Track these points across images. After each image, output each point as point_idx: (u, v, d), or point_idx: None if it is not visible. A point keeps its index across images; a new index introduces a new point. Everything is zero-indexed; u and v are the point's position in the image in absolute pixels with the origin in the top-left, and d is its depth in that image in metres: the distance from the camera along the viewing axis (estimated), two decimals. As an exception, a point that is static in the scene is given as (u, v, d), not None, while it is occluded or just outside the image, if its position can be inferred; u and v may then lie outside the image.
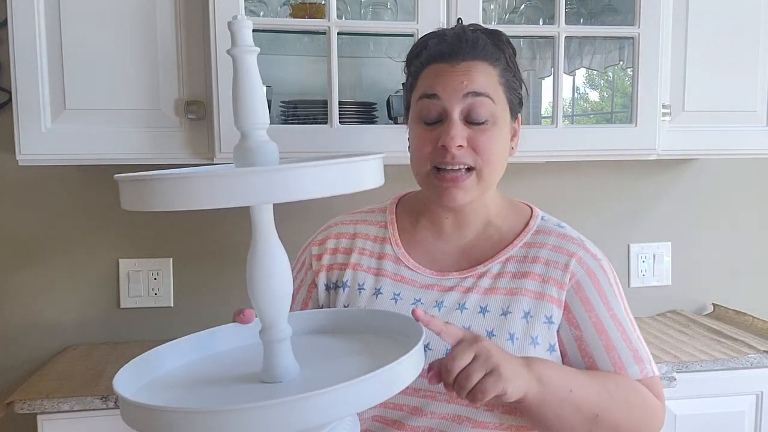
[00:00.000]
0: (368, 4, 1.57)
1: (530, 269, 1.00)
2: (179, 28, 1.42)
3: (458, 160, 0.95)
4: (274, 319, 0.73)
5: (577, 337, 0.97)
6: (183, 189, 0.59)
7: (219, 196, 0.58)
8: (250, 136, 0.68)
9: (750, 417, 1.56)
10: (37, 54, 1.37)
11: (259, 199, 0.60)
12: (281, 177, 0.59)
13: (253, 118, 0.67)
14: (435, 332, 0.82)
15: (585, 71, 1.78)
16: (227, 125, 1.38)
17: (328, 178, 0.62)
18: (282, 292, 0.73)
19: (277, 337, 0.73)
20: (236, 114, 0.67)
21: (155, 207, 0.60)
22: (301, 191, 0.60)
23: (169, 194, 0.59)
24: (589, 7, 1.68)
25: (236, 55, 0.67)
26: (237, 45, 0.67)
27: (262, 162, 0.67)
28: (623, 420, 0.93)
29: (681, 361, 1.51)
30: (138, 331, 1.74)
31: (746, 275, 2.01)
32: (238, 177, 0.58)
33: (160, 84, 1.42)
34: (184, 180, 0.59)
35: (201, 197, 0.58)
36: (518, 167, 1.76)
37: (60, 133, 1.39)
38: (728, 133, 1.64)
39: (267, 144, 0.68)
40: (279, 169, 0.60)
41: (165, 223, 1.74)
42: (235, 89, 0.68)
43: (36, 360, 1.69)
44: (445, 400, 0.93)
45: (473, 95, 0.95)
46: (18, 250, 1.69)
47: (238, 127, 0.68)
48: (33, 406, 1.30)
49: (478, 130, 0.96)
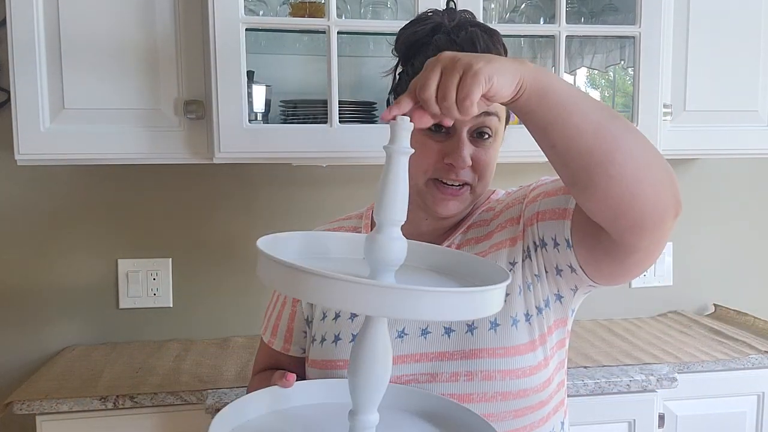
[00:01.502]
0: (368, 3, 1.56)
1: (491, 226, 0.99)
2: (179, 28, 1.41)
3: (461, 177, 0.95)
4: (367, 406, 0.76)
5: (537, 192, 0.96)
6: (325, 287, 0.63)
7: (351, 302, 0.63)
8: (384, 230, 0.72)
9: (751, 417, 1.56)
10: (36, 53, 1.36)
11: (383, 313, 0.66)
12: (414, 298, 0.63)
13: (392, 215, 0.71)
14: (397, 113, 0.73)
15: (586, 71, 1.78)
16: (226, 125, 1.38)
17: (455, 305, 0.65)
18: (380, 380, 0.75)
19: (366, 425, 0.76)
20: (377, 206, 0.72)
21: (291, 293, 0.68)
22: (431, 314, 0.64)
23: (307, 287, 0.64)
24: (590, 6, 1.67)
25: (391, 153, 0.72)
26: (394, 144, 0.72)
27: (389, 259, 0.72)
28: (636, 143, 0.77)
29: (682, 361, 1.51)
30: (137, 332, 1.74)
31: (747, 275, 2.01)
32: (371, 290, 0.63)
33: (159, 83, 1.42)
34: (329, 281, 0.63)
35: (340, 299, 0.63)
36: (518, 167, 1.75)
37: (59, 133, 1.39)
38: (729, 132, 1.64)
39: (397, 241, 0.72)
40: (417, 291, 0.63)
41: (164, 224, 1.73)
42: (382, 184, 0.72)
43: (35, 360, 1.69)
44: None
45: (485, 114, 0.94)
46: (17, 250, 1.68)
47: (376, 218, 0.72)
48: (32, 407, 1.30)
49: (481, 147, 0.95)
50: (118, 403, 1.32)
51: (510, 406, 0.91)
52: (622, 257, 0.84)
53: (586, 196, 0.78)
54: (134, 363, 1.54)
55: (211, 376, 1.45)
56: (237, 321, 1.77)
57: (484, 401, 0.91)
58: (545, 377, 0.93)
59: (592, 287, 0.93)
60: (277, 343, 1.09)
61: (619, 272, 0.88)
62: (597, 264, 0.88)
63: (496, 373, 0.90)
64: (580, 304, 1.00)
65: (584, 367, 1.46)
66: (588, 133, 0.73)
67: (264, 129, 1.46)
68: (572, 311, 0.98)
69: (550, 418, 0.97)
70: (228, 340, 1.73)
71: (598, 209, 0.78)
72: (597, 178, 0.74)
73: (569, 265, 0.90)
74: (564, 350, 0.99)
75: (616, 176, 0.73)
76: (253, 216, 1.76)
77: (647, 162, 0.75)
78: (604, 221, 0.79)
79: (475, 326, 0.93)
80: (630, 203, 0.75)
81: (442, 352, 0.93)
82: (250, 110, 1.49)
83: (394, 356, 0.94)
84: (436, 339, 0.94)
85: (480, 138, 0.95)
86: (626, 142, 0.74)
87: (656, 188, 0.75)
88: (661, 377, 1.41)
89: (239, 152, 1.40)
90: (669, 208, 0.77)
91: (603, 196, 0.75)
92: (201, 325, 1.76)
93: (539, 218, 0.93)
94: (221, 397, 1.33)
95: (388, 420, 0.84)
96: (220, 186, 1.75)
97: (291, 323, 1.08)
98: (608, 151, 0.73)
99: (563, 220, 0.89)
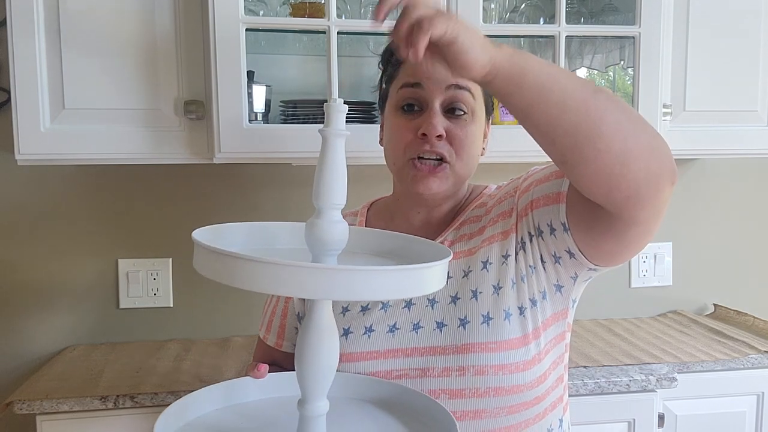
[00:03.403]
0: (368, 4, 1.56)
1: (483, 222, 1.00)
2: (179, 28, 1.41)
3: (436, 149, 0.95)
4: (315, 394, 0.75)
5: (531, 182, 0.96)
6: (259, 271, 0.62)
7: (288, 285, 0.61)
8: (324, 214, 0.71)
9: (751, 417, 1.56)
10: (36, 53, 1.36)
11: (317, 294, 0.63)
12: (348, 278, 0.61)
13: (331, 198, 0.70)
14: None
15: (586, 71, 1.78)
16: (226, 125, 1.38)
17: (395, 283, 0.64)
18: (327, 368, 0.74)
19: (314, 413, 0.75)
20: (316, 191, 0.70)
21: (225, 280, 0.64)
22: (368, 293, 0.63)
23: (239, 273, 0.62)
24: (589, 6, 1.68)
25: (327, 136, 0.70)
26: (330, 126, 0.70)
27: (330, 242, 0.70)
28: (621, 114, 0.76)
29: (682, 361, 1.51)
30: (137, 332, 1.74)
31: (747, 275, 2.01)
32: (302, 271, 0.61)
33: (159, 83, 1.42)
34: (260, 265, 0.61)
35: (272, 283, 0.61)
36: (518, 167, 1.75)
37: (59, 133, 1.39)
38: (729, 132, 1.64)
39: (338, 224, 0.71)
40: (351, 270, 0.62)
41: (164, 224, 1.73)
42: (319, 168, 0.70)
43: (35, 360, 1.69)
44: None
45: (456, 88, 0.96)
46: (17, 250, 1.68)
47: (315, 203, 0.70)
48: (32, 407, 1.30)
49: (456, 123, 0.96)
50: (118, 403, 1.32)
51: (503, 402, 0.91)
52: (622, 232, 0.84)
53: (578, 173, 0.78)
54: (134, 363, 1.54)
55: (211, 376, 1.45)
56: (237, 321, 1.77)
57: (477, 396, 0.91)
58: (539, 372, 0.93)
59: (592, 271, 0.93)
60: (271, 339, 1.10)
61: (618, 250, 0.88)
62: (595, 244, 0.88)
63: (489, 368, 0.90)
64: (580, 297, 0.99)
65: (584, 366, 1.46)
66: (571, 109, 0.73)
67: (264, 129, 1.46)
68: (573, 302, 0.97)
69: (546, 414, 0.96)
70: (228, 340, 1.73)
71: (591, 185, 0.78)
72: (586, 153, 0.74)
73: (567, 250, 0.90)
74: (564, 344, 0.99)
75: (605, 149, 0.74)
76: (253, 216, 1.76)
77: (635, 131, 0.75)
78: (599, 197, 0.79)
79: (468, 320, 0.93)
80: (622, 174, 0.75)
81: (433, 347, 0.93)
82: (250, 110, 1.49)
83: (385, 350, 0.94)
84: (427, 334, 0.94)
85: (453, 114, 0.97)
86: (611, 114, 0.74)
87: (647, 156, 0.75)
88: (660, 377, 1.41)
89: (239, 152, 1.40)
90: (663, 174, 0.77)
91: (594, 170, 0.76)
92: (201, 325, 1.76)
93: (533, 206, 0.93)
94: (221, 397, 1.33)
95: (339, 408, 0.84)
96: (220, 186, 1.75)
97: (283, 319, 1.09)
98: (593, 125, 0.73)
99: (557, 205, 0.89)
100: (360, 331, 0.97)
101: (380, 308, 0.98)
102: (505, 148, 1.41)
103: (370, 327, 0.97)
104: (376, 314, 0.98)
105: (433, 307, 0.96)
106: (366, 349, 0.96)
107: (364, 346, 0.96)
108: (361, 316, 0.98)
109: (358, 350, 0.96)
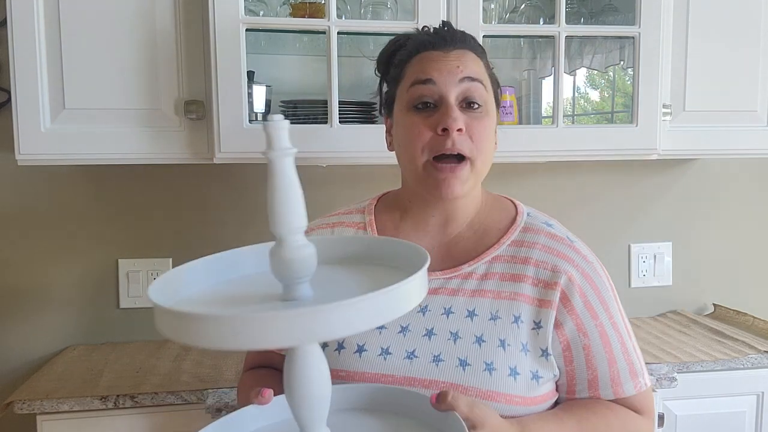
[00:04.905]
0: (368, 4, 1.57)
1: (521, 271, 0.95)
2: (179, 28, 1.41)
3: (457, 146, 0.92)
4: (313, 425, 0.69)
5: (585, 346, 0.93)
6: (227, 329, 0.54)
7: (256, 340, 0.53)
8: (285, 241, 0.63)
9: (751, 417, 1.56)
10: (37, 53, 1.36)
11: (303, 340, 0.55)
12: (325, 317, 0.54)
13: (289, 222, 0.63)
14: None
15: (585, 71, 1.78)
16: (227, 125, 1.38)
17: (375, 309, 0.56)
18: (321, 398, 0.68)
19: None
20: (271, 219, 0.63)
21: (191, 342, 0.55)
22: (349, 327, 0.55)
23: (207, 333, 0.54)
24: (589, 6, 1.68)
25: (273, 158, 0.63)
26: (273, 148, 0.63)
27: (298, 270, 0.63)
28: None
29: (682, 361, 1.51)
30: (137, 332, 1.74)
31: (747, 275, 2.01)
32: (284, 318, 0.53)
33: (159, 84, 1.42)
34: (227, 320, 0.54)
35: (243, 339, 0.53)
36: (518, 167, 1.76)
37: (59, 133, 1.39)
38: (729, 132, 1.64)
39: (304, 248, 0.63)
40: (321, 310, 0.54)
41: (164, 224, 1.74)
42: (270, 193, 0.63)
43: (35, 360, 1.69)
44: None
45: (469, 80, 0.94)
46: (17, 250, 1.68)
47: (273, 231, 0.63)
48: (32, 407, 1.30)
49: (473, 117, 0.94)
50: (118, 403, 1.33)
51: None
52: None
53: None
54: (134, 363, 1.55)
55: (211, 376, 1.45)
56: (237, 321, 1.77)
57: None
58: (553, 400, 0.96)
59: None
60: None
61: None
62: None
63: (510, 417, 0.88)
64: None
65: (584, 366, 1.46)
66: None
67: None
68: None
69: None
70: (228, 340, 1.73)
71: None
72: None
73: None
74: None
75: None
76: (253, 216, 1.76)
77: None
78: None
79: (494, 367, 0.90)
80: None
81: (455, 385, 0.90)
82: (250, 110, 1.49)
83: (401, 377, 0.91)
84: (449, 369, 0.91)
85: (470, 108, 0.95)
86: None
87: None
88: (660, 377, 1.41)
89: (239, 152, 1.40)
90: None
91: None
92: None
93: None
94: (221, 397, 1.33)
95: (348, 420, 0.81)
96: (220, 186, 1.75)
97: None
98: None
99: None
100: (376, 351, 0.93)
101: (399, 331, 0.94)
102: (505, 148, 1.40)
103: (386, 349, 0.93)
104: (393, 336, 0.94)
105: (455, 342, 0.92)
106: (382, 372, 0.92)
107: (379, 368, 0.92)
108: (377, 335, 0.94)
109: (372, 371, 0.92)
